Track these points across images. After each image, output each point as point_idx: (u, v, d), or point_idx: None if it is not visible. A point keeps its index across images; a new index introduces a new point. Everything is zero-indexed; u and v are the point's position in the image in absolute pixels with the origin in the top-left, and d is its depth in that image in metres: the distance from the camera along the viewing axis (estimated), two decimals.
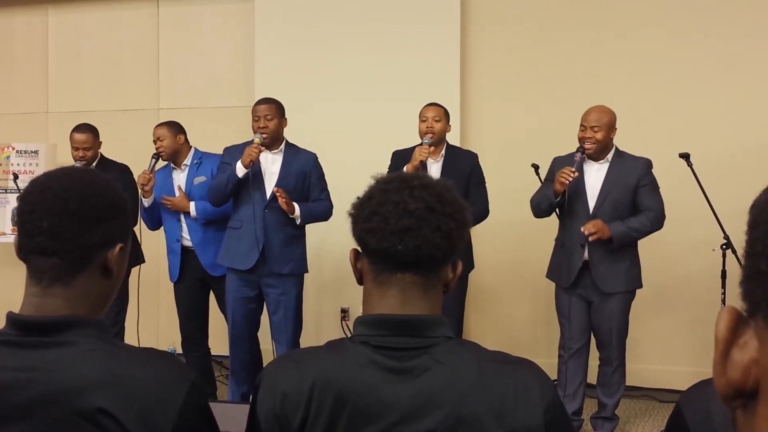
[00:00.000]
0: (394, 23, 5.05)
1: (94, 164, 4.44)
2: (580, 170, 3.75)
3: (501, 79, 4.96)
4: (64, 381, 1.12)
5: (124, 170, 4.43)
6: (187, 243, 4.32)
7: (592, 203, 3.74)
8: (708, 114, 4.60)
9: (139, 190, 4.24)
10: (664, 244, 4.54)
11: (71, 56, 5.86)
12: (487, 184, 4.13)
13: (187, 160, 4.37)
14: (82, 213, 1.20)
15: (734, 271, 3.83)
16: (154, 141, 4.36)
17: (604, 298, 3.75)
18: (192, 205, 4.25)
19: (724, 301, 3.98)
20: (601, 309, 3.78)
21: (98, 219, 1.21)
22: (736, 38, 4.56)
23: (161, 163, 4.44)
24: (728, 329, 0.54)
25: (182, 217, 4.32)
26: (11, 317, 1.19)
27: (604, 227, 3.63)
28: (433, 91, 4.53)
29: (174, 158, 4.37)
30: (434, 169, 4.00)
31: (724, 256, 3.96)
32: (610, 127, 3.73)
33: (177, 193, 4.30)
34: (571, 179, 3.61)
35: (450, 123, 4.12)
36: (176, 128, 4.39)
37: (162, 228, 4.47)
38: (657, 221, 3.73)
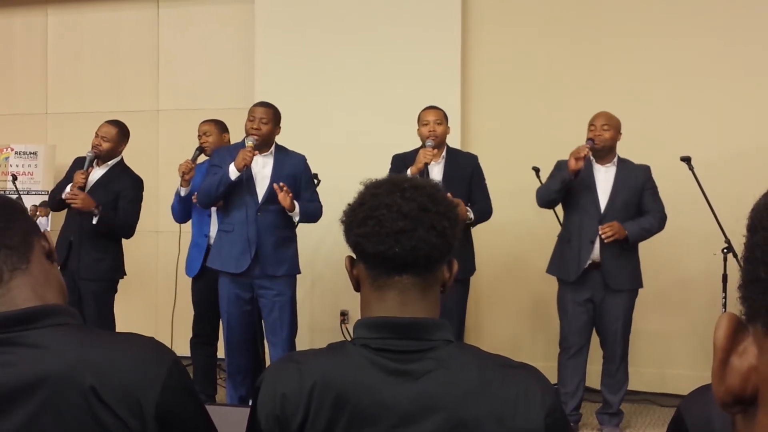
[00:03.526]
0: (395, 24, 5.04)
1: (110, 163, 4.29)
2: (590, 169, 3.88)
3: (502, 81, 4.96)
4: (47, 368, 1.12)
5: (136, 181, 4.33)
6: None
7: (603, 201, 3.88)
8: (709, 117, 4.59)
9: (179, 179, 4.20)
10: (665, 247, 4.54)
11: (70, 57, 5.86)
12: (487, 185, 4.14)
13: None
14: (7, 209, 1.22)
15: (735, 275, 3.81)
16: (199, 136, 4.40)
17: (611, 295, 3.85)
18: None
19: (725, 306, 3.97)
20: (607, 307, 3.88)
21: (20, 212, 1.25)
22: (737, 41, 4.56)
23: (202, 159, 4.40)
24: (727, 336, 0.54)
25: (213, 214, 4.28)
26: None
27: (621, 228, 3.79)
28: (433, 92, 4.52)
29: None
30: (436, 172, 4.01)
31: (725, 259, 3.96)
32: (618, 130, 3.93)
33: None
34: (585, 153, 3.74)
35: (449, 125, 4.13)
36: (222, 127, 4.47)
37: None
38: (662, 222, 3.93)
